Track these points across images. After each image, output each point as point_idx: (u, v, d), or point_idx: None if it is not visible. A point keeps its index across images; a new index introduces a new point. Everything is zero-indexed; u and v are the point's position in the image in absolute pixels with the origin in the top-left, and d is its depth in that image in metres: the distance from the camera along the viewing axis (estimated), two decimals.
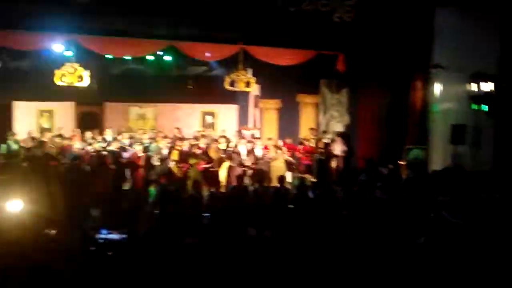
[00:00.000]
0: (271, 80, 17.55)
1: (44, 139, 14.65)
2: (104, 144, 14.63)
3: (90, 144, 14.75)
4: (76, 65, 13.49)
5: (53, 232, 8.10)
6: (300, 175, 15.59)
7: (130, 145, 14.79)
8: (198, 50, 14.70)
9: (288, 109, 18.33)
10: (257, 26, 13.88)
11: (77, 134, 15.69)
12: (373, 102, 15.44)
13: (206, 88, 18.96)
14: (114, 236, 8.46)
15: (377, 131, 15.46)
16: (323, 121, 16.96)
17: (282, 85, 17.72)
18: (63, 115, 18.49)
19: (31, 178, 11.88)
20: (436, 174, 12.37)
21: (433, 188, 11.10)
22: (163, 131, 17.01)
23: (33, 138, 14.66)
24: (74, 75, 13.45)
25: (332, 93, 16.90)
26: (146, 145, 14.67)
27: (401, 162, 14.27)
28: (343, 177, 14.25)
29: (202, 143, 15.06)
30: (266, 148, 15.24)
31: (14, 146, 13.34)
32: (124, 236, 8.21)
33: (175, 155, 14.00)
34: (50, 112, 18.40)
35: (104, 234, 8.49)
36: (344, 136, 16.17)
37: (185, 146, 14.61)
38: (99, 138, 15.46)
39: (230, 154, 14.37)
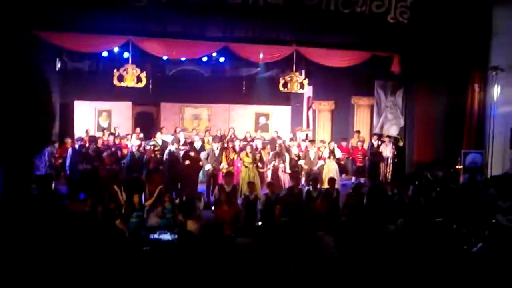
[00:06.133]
0: (325, 81, 17.53)
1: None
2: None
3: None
4: (133, 67, 13.77)
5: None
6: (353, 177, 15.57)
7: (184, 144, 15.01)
8: (252, 52, 14.75)
9: (342, 110, 18.20)
10: (311, 28, 13.84)
11: (136, 133, 16.17)
12: (429, 105, 15.08)
13: (260, 90, 19.13)
14: (167, 236, 8.62)
15: (433, 134, 15.11)
16: (377, 124, 16.73)
17: (336, 87, 17.64)
18: (121, 114, 18.98)
19: None
20: (495, 179, 12.05)
21: (492, 194, 10.86)
22: (214, 131, 17.30)
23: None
24: (131, 76, 13.73)
25: (387, 95, 16.64)
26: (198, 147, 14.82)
27: (458, 167, 13.96)
28: (396, 181, 14.03)
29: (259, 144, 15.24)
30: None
31: None
32: (175, 236, 8.35)
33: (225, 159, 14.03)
34: (108, 111, 18.91)
35: (157, 235, 8.64)
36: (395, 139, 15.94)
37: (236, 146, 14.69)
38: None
39: (283, 156, 14.35)
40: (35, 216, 8.37)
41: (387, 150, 15.15)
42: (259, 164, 13.91)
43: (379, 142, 15.53)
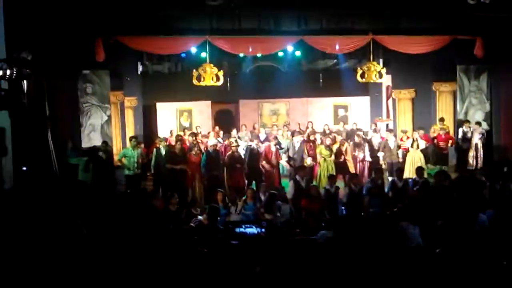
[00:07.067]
0: (403, 69, 17.11)
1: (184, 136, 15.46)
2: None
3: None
4: (211, 66, 14.02)
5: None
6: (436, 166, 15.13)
7: (265, 140, 15.15)
8: (328, 43, 14.61)
9: (422, 98, 17.70)
10: (387, 15, 13.57)
11: (214, 131, 16.47)
12: None
13: (337, 81, 18.96)
14: (252, 229, 8.72)
15: None
16: (461, 110, 16.14)
17: (416, 74, 17.18)
18: (201, 114, 19.39)
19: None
20: None
21: None
22: (293, 126, 17.35)
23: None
24: (210, 75, 13.99)
25: (471, 79, 16.00)
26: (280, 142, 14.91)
27: None
28: (485, 169, 13.51)
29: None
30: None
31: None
32: (262, 229, 8.45)
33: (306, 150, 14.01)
34: (189, 111, 19.38)
35: (242, 228, 8.76)
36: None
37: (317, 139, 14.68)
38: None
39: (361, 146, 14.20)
40: (124, 212, 8.74)
41: (475, 137, 14.62)
42: (332, 156, 13.87)
43: (469, 129, 15.02)
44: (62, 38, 12.54)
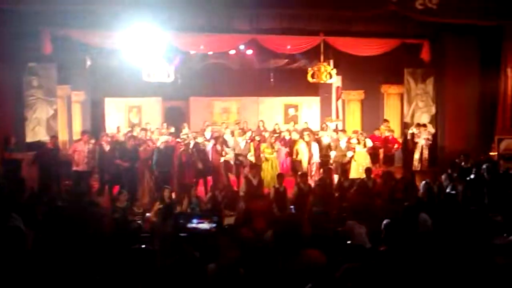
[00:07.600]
0: (353, 71, 17.37)
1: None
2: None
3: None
4: (163, 61, 13.90)
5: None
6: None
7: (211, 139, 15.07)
8: (280, 43, 14.70)
9: (371, 100, 18.05)
10: (339, 17, 13.71)
11: (160, 128, 16.23)
12: (461, 91, 14.78)
13: (288, 81, 19.06)
14: (204, 225, 8.68)
15: (466, 121, 14.81)
16: (408, 112, 16.51)
17: (365, 76, 17.48)
18: (151, 110, 19.14)
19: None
20: None
21: None
22: (243, 124, 17.35)
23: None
24: (161, 71, 13.88)
25: (417, 82, 16.38)
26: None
27: (492, 154, 13.69)
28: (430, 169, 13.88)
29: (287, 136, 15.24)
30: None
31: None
32: (213, 225, 8.46)
33: (252, 149, 14.06)
34: (138, 107, 19.09)
35: (194, 223, 8.71)
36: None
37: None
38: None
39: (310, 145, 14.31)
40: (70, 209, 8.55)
41: (421, 139, 14.98)
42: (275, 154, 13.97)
43: (414, 131, 15.38)
44: (7, 29, 12.17)
